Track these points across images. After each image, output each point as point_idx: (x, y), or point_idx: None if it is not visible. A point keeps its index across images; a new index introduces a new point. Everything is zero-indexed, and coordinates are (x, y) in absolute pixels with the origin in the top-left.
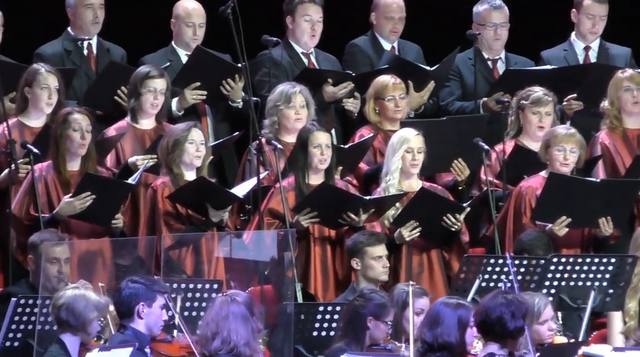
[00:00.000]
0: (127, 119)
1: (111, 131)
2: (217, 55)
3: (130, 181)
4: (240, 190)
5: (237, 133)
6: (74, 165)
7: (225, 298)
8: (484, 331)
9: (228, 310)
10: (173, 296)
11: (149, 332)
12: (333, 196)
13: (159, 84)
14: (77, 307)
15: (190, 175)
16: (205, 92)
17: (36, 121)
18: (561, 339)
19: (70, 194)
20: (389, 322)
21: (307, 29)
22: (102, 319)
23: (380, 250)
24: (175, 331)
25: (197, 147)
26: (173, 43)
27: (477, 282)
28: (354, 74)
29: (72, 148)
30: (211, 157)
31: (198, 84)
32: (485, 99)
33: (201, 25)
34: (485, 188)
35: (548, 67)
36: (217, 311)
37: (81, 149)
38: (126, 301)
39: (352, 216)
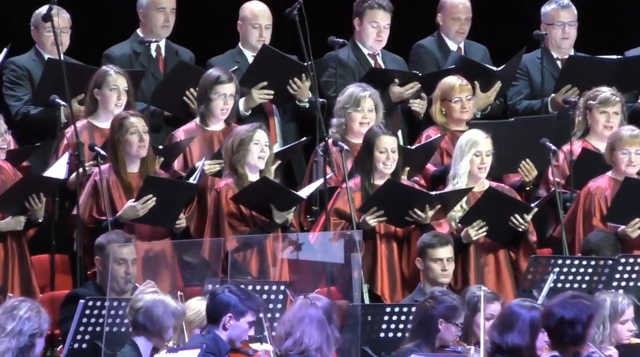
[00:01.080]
0: (196, 121)
1: (180, 134)
2: (284, 54)
3: (191, 180)
4: (306, 191)
5: (304, 138)
6: (133, 168)
7: (305, 300)
8: (549, 335)
9: (305, 312)
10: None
11: (230, 343)
12: (399, 193)
13: (229, 88)
14: (155, 313)
15: (254, 177)
16: (272, 92)
17: (105, 123)
18: (637, 341)
19: (134, 199)
20: (459, 325)
21: (373, 33)
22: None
23: (442, 252)
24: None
25: (261, 148)
26: (240, 45)
27: (547, 284)
28: (420, 75)
29: (131, 151)
30: (279, 161)
31: (265, 83)
32: (553, 95)
33: (267, 27)
34: (552, 189)
35: (613, 57)
36: (295, 312)
37: (141, 151)
38: (217, 307)
39: (419, 212)
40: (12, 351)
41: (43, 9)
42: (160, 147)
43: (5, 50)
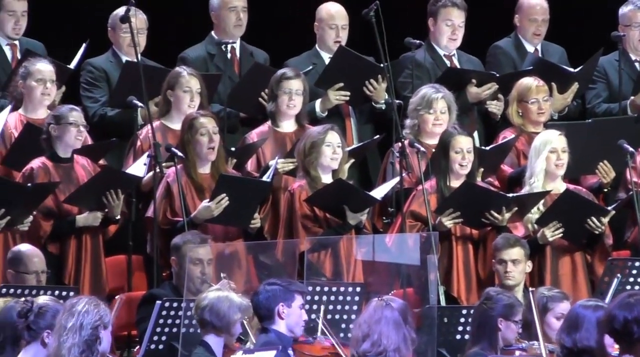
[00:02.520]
0: (269, 123)
1: (253, 136)
2: (360, 55)
3: (264, 178)
4: (380, 192)
5: (378, 136)
6: (205, 169)
7: (380, 302)
8: (617, 339)
9: (381, 314)
10: (314, 298)
11: (290, 333)
12: (476, 195)
13: (295, 84)
14: (221, 308)
15: (327, 178)
16: (348, 93)
17: (178, 124)
18: None
19: (208, 199)
20: (518, 322)
21: (447, 32)
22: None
23: (506, 254)
24: (318, 333)
25: (333, 150)
26: (316, 46)
27: (614, 284)
28: (497, 75)
29: (201, 152)
30: (352, 160)
31: (341, 84)
32: (632, 97)
33: (344, 28)
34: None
35: None
36: (371, 314)
37: (210, 153)
38: (265, 303)
39: (495, 214)
40: (77, 346)
41: (120, 11)
42: (233, 149)
43: (83, 46)
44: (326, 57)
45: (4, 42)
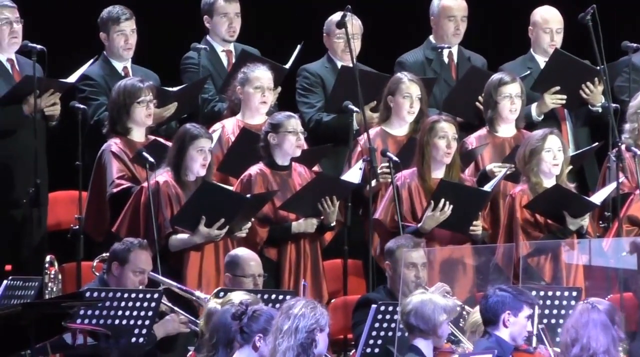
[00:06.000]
0: (486, 127)
1: (471, 140)
2: (577, 58)
3: (486, 188)
4: (599, 196)
5: (596, 143)
6: (438, 173)
7: (586, 305)
8: None
9: (588, 317)
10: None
11: (512, 341)
12: None
13: (514, 88)
14: (425, 312)
15: (549, 183)
16: (564, 97)
17: (398, 130)
18: None
19: (430, 207)
20: None
21: None
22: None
23: None
24: (534, 341)
25: (554, 155)
26: (531, 50)
27: None
28: None
29: (437, 156)
30: (570, 166)
31: (558, 88)
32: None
33: (559, 31)
34: None
35: None
36: (578, 318)
37: (446, 158)
38: (492, 308)
39: None
40: (293, 349)
41: (336, 16)
42: None
43: (298, 47)
44: (541, 61)
45: (219, 48)
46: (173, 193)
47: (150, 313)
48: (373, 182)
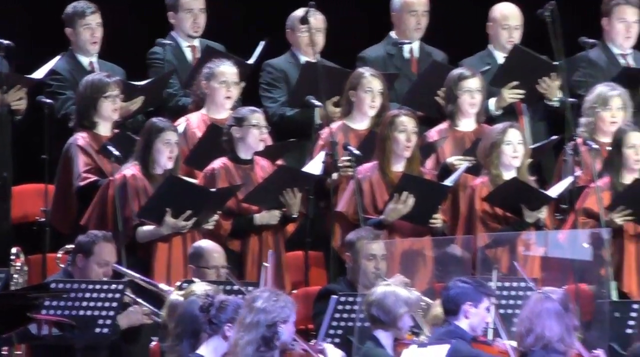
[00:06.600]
0: (447, 121)
1: (432, 134)
2: (534, 54)
3: (447, 182)
4: (555, 190)
5: (554, 137)
6: (399, 167)
7: (539, 295)
8: None
9: (542, 307)
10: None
11: (472, 331)
12: None
13: (474, 83)
14: (387, 303)
15: (509, 176)
16: (523, 91)
17: (360, 124)
18: None
19: (393, 200)
20: None
21: (621, 30)
22: (418, 312)
23: None
24: (490, 333)
25: (514, 148)
26: (490, 46)
27: None
28: None
29: (397, 150)
30: (530, 159)
31: (516, 83)
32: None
33: (517, 28)
34: None
35: None
36: (531, 308)
37: (406, 151)
38: (454, 299)
39: None
40: (253, 343)
41: (300, 12)
42: None
43: (262, 43)
44: (499, 57)
45: (184, 43)
46: (141, 186)
47: (114, 304)
48: (334, 175)
